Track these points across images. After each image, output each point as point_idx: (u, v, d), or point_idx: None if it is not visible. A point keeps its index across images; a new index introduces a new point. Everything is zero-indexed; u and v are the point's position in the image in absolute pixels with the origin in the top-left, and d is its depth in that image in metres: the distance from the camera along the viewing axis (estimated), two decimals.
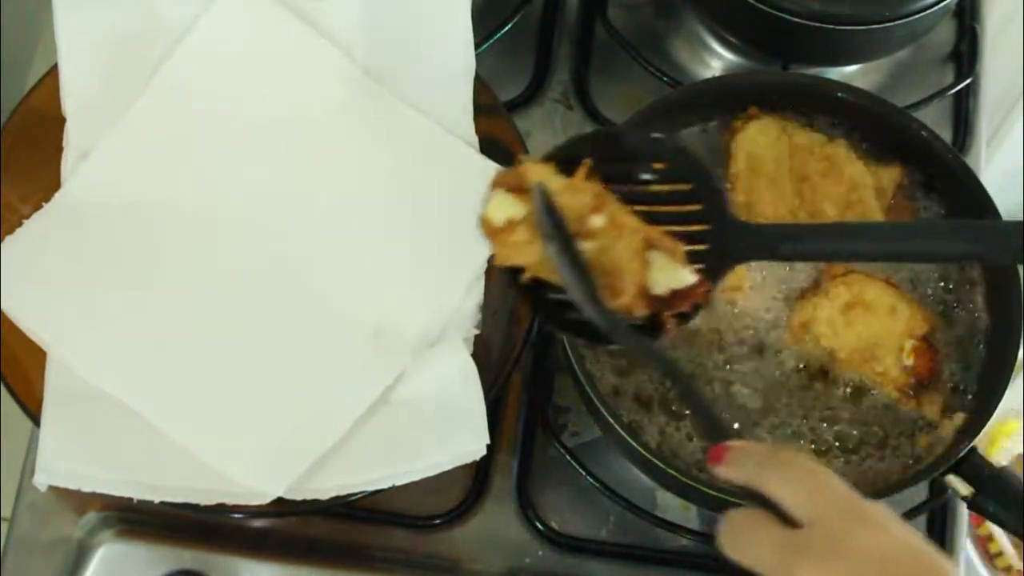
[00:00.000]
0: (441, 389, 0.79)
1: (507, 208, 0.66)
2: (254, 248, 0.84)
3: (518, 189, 0.66)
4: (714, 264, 0.66)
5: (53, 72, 0.85)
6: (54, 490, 0.84)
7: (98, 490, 0.76)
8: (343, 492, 0.76)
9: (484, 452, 0.76)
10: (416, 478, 0.76)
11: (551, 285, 0.65)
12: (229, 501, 0.76)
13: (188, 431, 0.78)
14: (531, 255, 0.65)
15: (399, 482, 0.76)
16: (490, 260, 0.84)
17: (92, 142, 0.84)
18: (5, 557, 0.83)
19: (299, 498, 0.76)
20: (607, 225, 0.64)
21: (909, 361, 0.79)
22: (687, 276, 0.64)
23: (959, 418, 0.77)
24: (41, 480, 0.76)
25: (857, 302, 0.80)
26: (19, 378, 0.79)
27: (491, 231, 0.67)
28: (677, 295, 0.64)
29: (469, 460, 0.76)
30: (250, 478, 0.76)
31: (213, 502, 0.76)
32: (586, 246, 0.64)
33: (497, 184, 0.67)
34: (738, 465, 0.55)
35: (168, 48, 0.86)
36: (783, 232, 0.69)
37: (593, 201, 0.65)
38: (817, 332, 0.79)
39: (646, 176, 0.68)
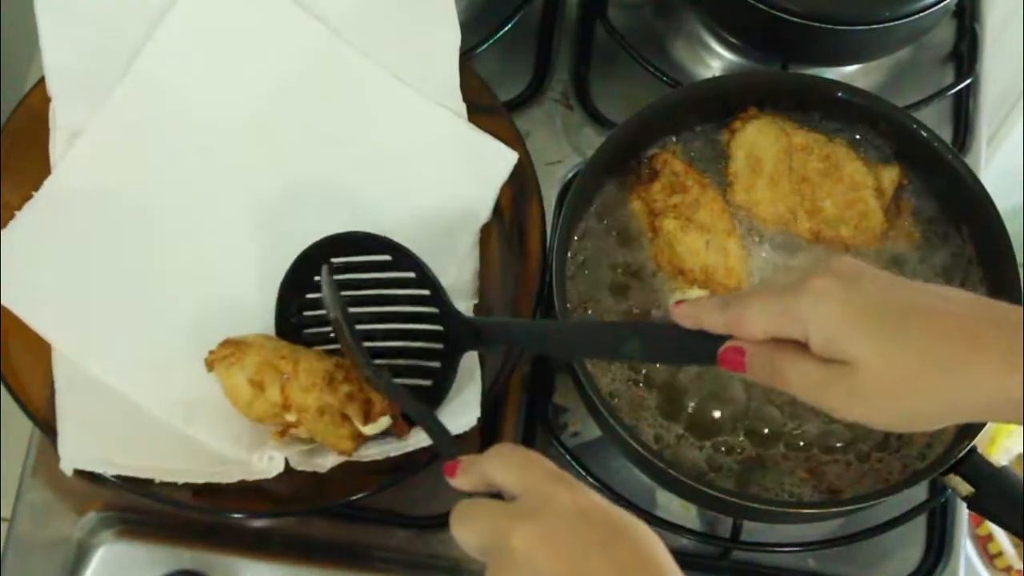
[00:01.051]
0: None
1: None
2: (247, 228, 0.84)
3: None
4: (448, 348, 0.77)
5: None
6: (54, 490, 0.84)
7: (122, 473, 0.77)
8: (339, 462, 0.77)
9: (475, 423, 0.77)
10: (410, 449, 0.77)
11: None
12: (249, 478, 0.77)
13: (191, 420, 0.79)
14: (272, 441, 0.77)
15: (394, 454, 0.77)
16: (483, 229, 0.85)
17: (78, 122, 0.84)
18: (5, 557, 0.83)
19: (302, 469, 0.77)
20: (301, 415, 0.75)
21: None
22: (384, 423, 0.76)
23: None
24: (66, 466, 0.76)
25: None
26: (19, 378, 0.79)
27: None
28: (387, 432, 0.77)
29: (460, 431, 0.77)
30: (257, 458, 0.77)
31: (234, 479, 0.77)
32: (299, 432, 0.76)
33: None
34: (468, 471, 0.64)
35: (150, 24, 0.86)
36: (487, 326, 0.77)
37: (279, 397, 0.76)
38: None
39: (379, 260, 0.78)
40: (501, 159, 0.86)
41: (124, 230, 0.83)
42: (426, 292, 0.78)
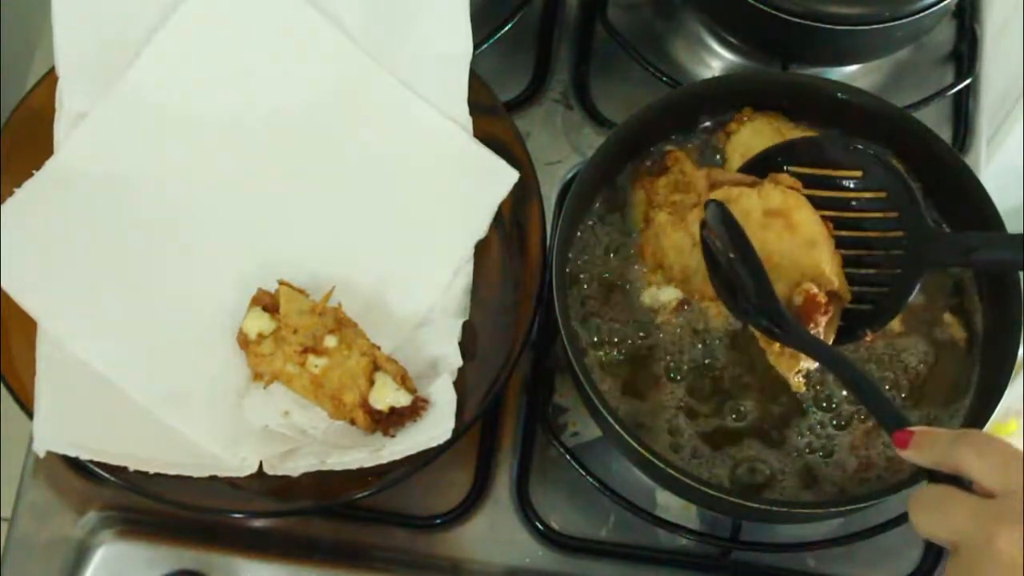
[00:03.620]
0: (416, 376, 0.80)
1: (260, 323, 0.79)
2: (243, 224, 0.85)
3: (272, 308, 0.79)
4: (909, 271, 0.73)
5: (53, 72, 0.85)
6: (54, 490, 0.84)
7: (94, 459, 0.77)
8: (311, 470, 0.77)
9: (448, 437, 0.77)
10: (383, 461, 0.77)
11: None
12: (220, 474, 0.77)
13: (172, 410, 0.79)
14: (273, 365, 0.78)
15: (368, 464, 0.77)
16: (479, 244, 0.85)
17: (85, 104, 0.84)
18: (5, 557, 0.83)
19: (275, 473, 0.77)
20: (340, 345, 0.78)
21: (798, 300, 0.74)
22: (403, 397, 0.77)
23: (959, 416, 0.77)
24: (39, 447, 0.77)
25: (783, 212, 0.76)
26: (19, 377, 0.79)
27: (244, 342, 0.79)
28: (395, 412, 0.78)
29: (433, 444, 0.77)
30: (231, 455, 0.78)
31: (205, 475, 0.77)
32: (319, 362, 0.78)
33: (255, 302, 0.80)
34: (926, 447, 0.61)
35: (164, 13, 0.86)
36: (978, 240, 0.72)
37: (332, 324, 0.79)
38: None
39: (846, 184, 0.76)
40: (502, 177, 0.86)
41: (122, 216, 0.84)
42: (892, 214, 0.74)
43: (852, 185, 0.77)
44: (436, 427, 0.77)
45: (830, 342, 0.74)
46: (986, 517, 0.56)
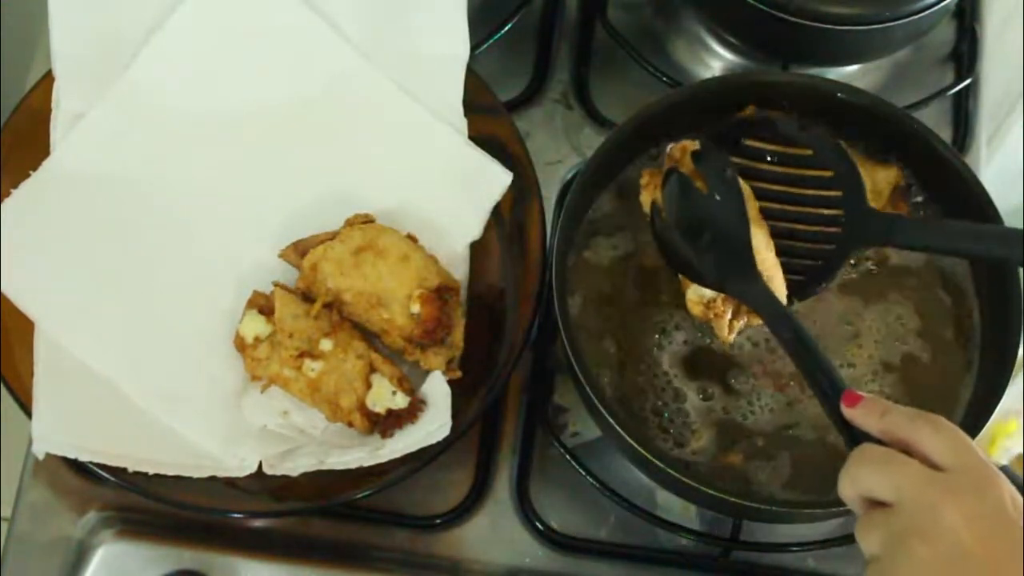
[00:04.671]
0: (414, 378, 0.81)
1: (256, 327, 0.79)
2: (240, 224, 0.85)
3: (268, 311, 0.79)
4: (842, 246, 0.76)
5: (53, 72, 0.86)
6: (54, 490, 0.84)
7: (93, 460, 0.77)
8: (311, 469, 0.78)
9: (447, 433, 0.77)
10: (383, 460, 0.77)
11: None
12: (220, 475, 0.77)
13: (171, 411, 0.79)
14: (270, 368, 0.78)
15: (367, 463, 0.77)
16: (478, 244, 0.85)
17: (81, 105, 0.84)
18: (5, 557, 0.83)
19: (275, 472, 0.78)
20: (336, 348, 0.78)
21: (416, 309, 0.79)
22: (400, 399, 0.78)
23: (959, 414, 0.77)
24: (38, 449, 0.77)
25: (369, 245, 0.81)
26: (19, 378, 0.79)
27: (241, 346, 0.79)
28: (392, 414, 0.78)
29: (432, 441, 0.77)
30: (230, 455, 0.78)
31: (205, 475, 0.77)
32: (315, 366, 0.77)
33: (251, 305, 0.80)
34: (876, 414, 0.62)
35: (161, 15, 0.86)
36: (899, 224, 0.76)
37: (327, 327, 0.79)
38: (324, 272, 0.80)
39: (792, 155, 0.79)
40: (496, 179, 0.86)
41: (119, 216, 0.84)
42: (835, 193, 0.77)
43: (802, 163, 0.80)
44: (433, 424, 0.77)
45: (462, 328, 0.81)
46: (935, 484, 0.58)
